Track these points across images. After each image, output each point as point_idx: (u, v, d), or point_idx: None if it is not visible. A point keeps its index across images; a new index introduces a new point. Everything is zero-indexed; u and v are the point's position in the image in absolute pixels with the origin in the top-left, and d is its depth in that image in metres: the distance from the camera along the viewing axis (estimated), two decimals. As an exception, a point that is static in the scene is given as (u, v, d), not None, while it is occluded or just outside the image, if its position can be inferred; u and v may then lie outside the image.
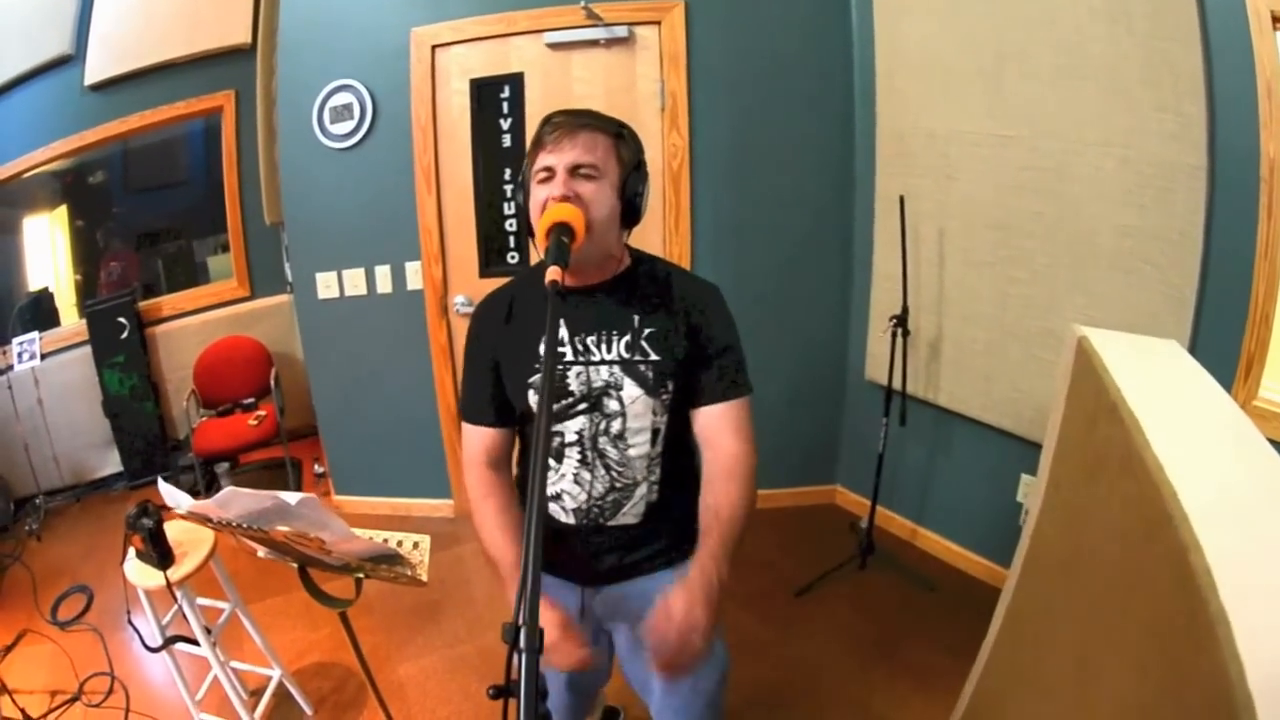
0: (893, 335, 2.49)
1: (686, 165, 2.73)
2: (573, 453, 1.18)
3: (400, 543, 1.30)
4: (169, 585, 1.70)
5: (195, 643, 1.86)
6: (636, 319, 1.15)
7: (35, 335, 3.55)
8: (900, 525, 2.89)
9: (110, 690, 2.23)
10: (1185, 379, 1.11)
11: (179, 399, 3.68)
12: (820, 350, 3.00)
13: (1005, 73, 2.19)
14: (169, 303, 3.86)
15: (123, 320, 3.56)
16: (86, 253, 3.93)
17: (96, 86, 3.47)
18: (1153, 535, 0.79)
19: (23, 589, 2.81)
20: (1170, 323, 1.91)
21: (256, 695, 2.15)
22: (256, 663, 2.16)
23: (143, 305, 3.73)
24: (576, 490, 1.19)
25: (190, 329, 3.79)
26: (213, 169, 3.86)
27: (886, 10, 2.54)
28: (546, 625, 1.10)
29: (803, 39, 2.69)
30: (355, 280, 2.99)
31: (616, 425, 1.15)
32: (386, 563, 1.28)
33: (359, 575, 1.31)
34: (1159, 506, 0.77)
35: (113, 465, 3.75)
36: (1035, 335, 2.26)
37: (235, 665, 2.14)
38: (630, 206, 1.13)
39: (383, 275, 2.97)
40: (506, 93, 2.76)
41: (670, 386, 1.15)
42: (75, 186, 3.82)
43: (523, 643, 0.58)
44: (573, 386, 1.15)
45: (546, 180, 1.08)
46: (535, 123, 1.27)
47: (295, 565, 1.34)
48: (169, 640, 1.84)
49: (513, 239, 2.88)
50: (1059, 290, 2.18)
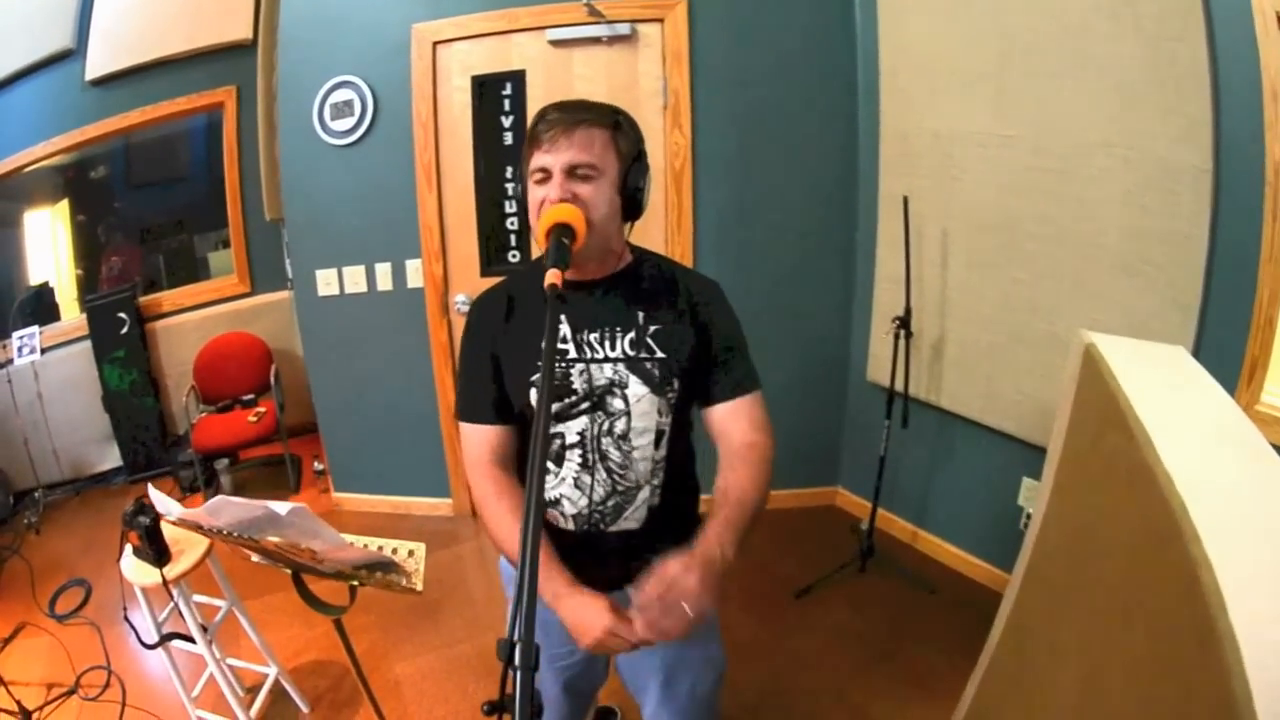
0: (895, 336, 2.48)
1: (689, 164, 2.72)
2: (574, 455, 1.14)
3: (395, 550, 1.28)
4: (165, 583, 1.69)
5: (191, 640, 1.86)
6: (641, 316, 1.13)
7: (35, 330, 3.55)
8: (901, 528, 2.88)
9: (107, 684, 2.23)
10: (1194, 388, 1.09)
11: (179, 394, 3.68)
12: (822, 351, 2.99)
13: (1010, 72, 2.18)
14: (169, 298, 3.86)
15: (123, 315, 3.56)
16: (88, 248, 3.93)
17: (97, 81, 3.47)
18: (1161, 550, 0.78)
19: (21, 582, 2.82)
20: (1174, 326, 1.89)
21: (253, 692, 2.15)
22: (253, 660, 2.15)
23: (143, 300, 3.74)
24: (577, 495, 1.16)
25: (190, 324, 3.80)
26: (215, 165, 3.85)
27: (891, 8, 2.52)
28: (594, 614, 1.02)
29: (806, 37, 2.67)
30: (355, 277, 2.98)
31: (620, 425, 1.12)
32: (381, 570, 1.26)
33: (353, 583, 1.29)
34: (1168, 521, 0.76)
35: (112, 460, 3.75)
36: (1039, 337, 2.25)
37: (232, 662, 2.14)
38: (631, 200, 1.10)
39: (383, 272, 2.96)
40: (508, 90, 2.74)
41: (676, 385, 1.12)
42: (77, 181, 3.82)
43: (518, 659, 0.57)
44: (575, 384, 1.12)
45: (543, 181, 1.05)
46: (537, 121, 1.25)
47: (289, 571, 1.33)
48: (165, 637, 1.84)
49: (514, 237, 2.86)
50: (1063, 292, 2.16)
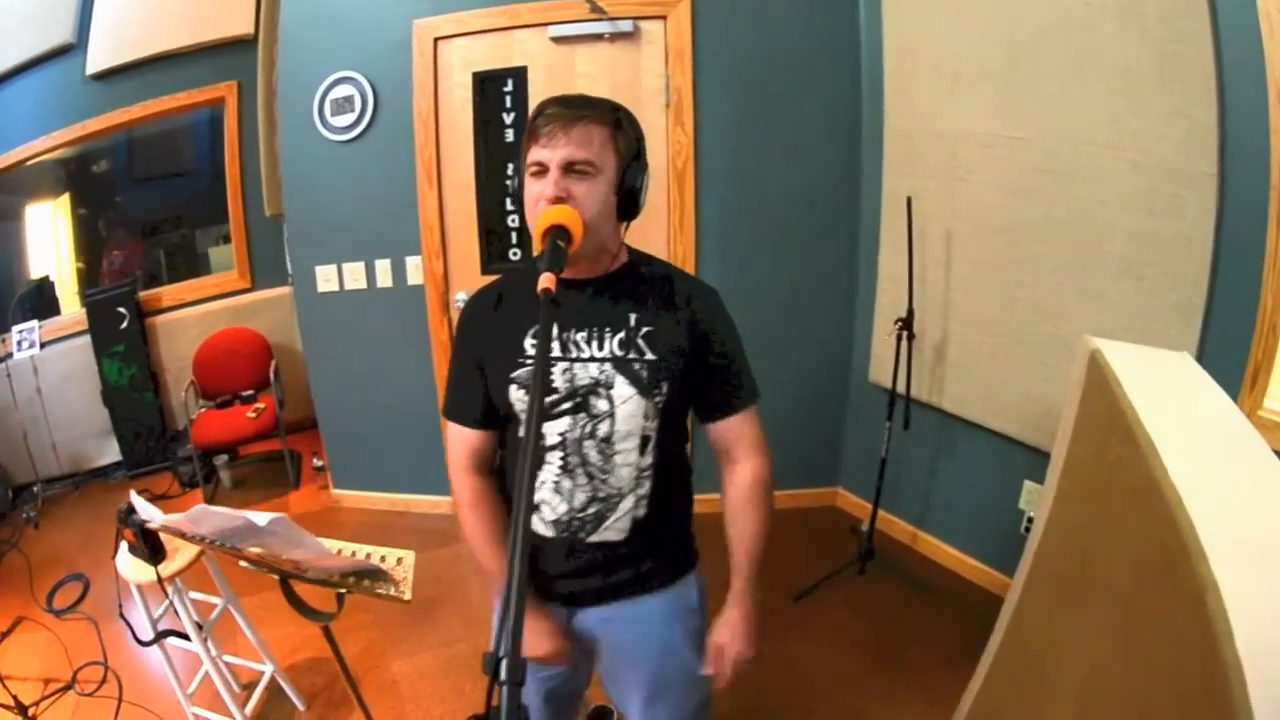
0: (898, 338, 2.46)
1: (691, 163, 2.70)
2: (554, 458, 1.10)
3: (384, 558, 1.27)
4: (160, 580, 1.69)
5: (187, 637, 1.86)
6: (633, 317, 1.09)
7: (35, 324, 3.54)
8: (901, 529, 2.87)
9: (104, 680, 2.23)
10: (1200, 398, 1.07)
11: (178, 390, 3.68)
12: (824, 351, 2.97)
13: (1015, 73, 2.16)
14: (169, 293, 3.86)
15: (122, 310, 3.55)
16: (89, 242, 3.93)
17: (98, 76, 3.46)
18: (1169, 570, 0.76)
19: (19, 577, 2.82)
20: (1178, 330, 1.88)
21: (249, 689, 2.14)
22: (249, 657, 2.15)
23: (143, 295, 3.73)
24: (556, 500, 1.11)
25: (190, 320, 3.79)
26: (218, 159, 3.84)
27: (895, 7, 2.50)
28: (535, 636, 1.11)
29: (810, 36, 2.65)
30: (355, 274, 2.97)
31: (604, 428, 1.08)
32: (369, 578, 1.25)
33: (340, 590, 1.28)
34: (1175, 539, 0.74)
35: (111, 454, 3.75)
36: (1042, 340, 2.23)
37: (228, 659, 2.13)
38: (628, 200, 1.06)
39: (383, 269, 2.96)
40: (509, 86, 2.73)
41: (665, 389, 1.09)
42: (78, 175, 3.82)
43: (504, 675, 0.56)
44: (558, 383, 1.08)
45: (539, 174, 1.03)
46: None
47: (276, 577, 1.32)
48: (160, 635, 1.83)
49: (515, 235, 2.85)
50: (1067, 295, 2.15)
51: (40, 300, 3.72)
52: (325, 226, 2.95)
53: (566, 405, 1.08)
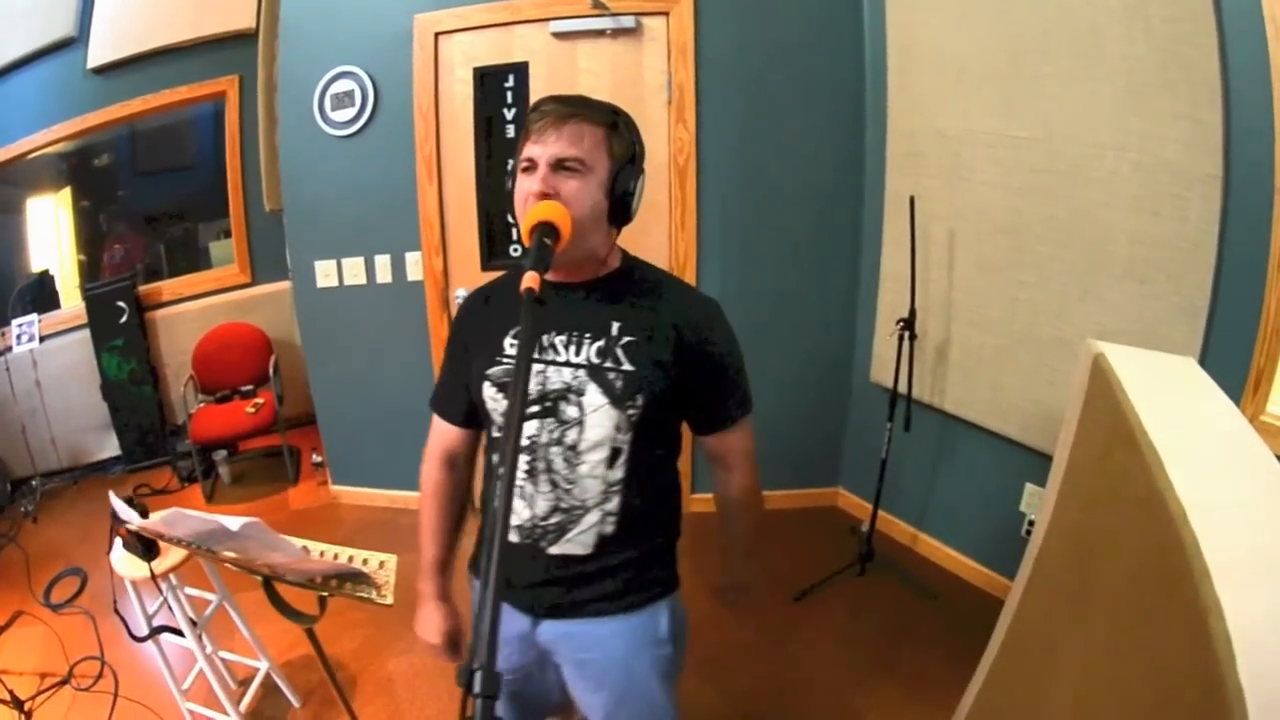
0: (899, 338, 2.45)
1: (693, 160, 2.68)
2: (520, 461, 1.06)
3: (365, 561, 1.26)
4: (154, 576, 1.68)
5: (181, 633, 1.85)
6: (616, 326, 1.06)
7: (34, 317, 3.54)
8: (901, 530, 2.86)
9: (100, 675, 2.22)
10: (1206, 406, 1.05)
11: (177, 384, 3.68)
12: (825, 351, 2.96)
13: (1020, 72, 2.14)
14: (169, 287, 3.85)
15: (122, 304, 3.54)
16: (91, 235, 3.92)
17: (99, 70, 3.45)
18: (1171, 588, 0.74)
19: (17, 570, 2.82)
20: (1182, 333, 1.87)
21: (244, 686, 2.13)
22: (245, 654, 2.14)
23: (143, 289, 3.72)
24: (520, 505, 1.08)
25: (190, 314, 3.78)
26: (220, 153, 3.83)
27: (899, 5, 2.48)
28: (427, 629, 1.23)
29: (813, 33, 2.64)
30: (354, 269, 2.96)
31: (572, 435, 1.04)
32: (350, 582, 1.24)
33: (322, 594, 1.27)
34: (1180, 557, 0.72)
35: (110, 448, 3.75)
36: (1045, 342, 2.22)
37: (224, 655, 2.13)
38: (619, 204, 1.03)
39: (382, 265, 2.95)
40: (511, 82, 2.71)
41: (640, 402, 1.03)
42: (80, 168, 3.81)
43: (478, 688, 0.54)
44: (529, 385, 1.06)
45: (529, 171, 1.01)
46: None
47: (260, 578, 1.31)
48: (155, 631, 1.82)
49: (515, 231, 2.84)
50: (1070, 297, 2.13)
51: (41, 293, 3.72)
52: (325, 221, 2.94)
53: (535, 409, 1.05)
